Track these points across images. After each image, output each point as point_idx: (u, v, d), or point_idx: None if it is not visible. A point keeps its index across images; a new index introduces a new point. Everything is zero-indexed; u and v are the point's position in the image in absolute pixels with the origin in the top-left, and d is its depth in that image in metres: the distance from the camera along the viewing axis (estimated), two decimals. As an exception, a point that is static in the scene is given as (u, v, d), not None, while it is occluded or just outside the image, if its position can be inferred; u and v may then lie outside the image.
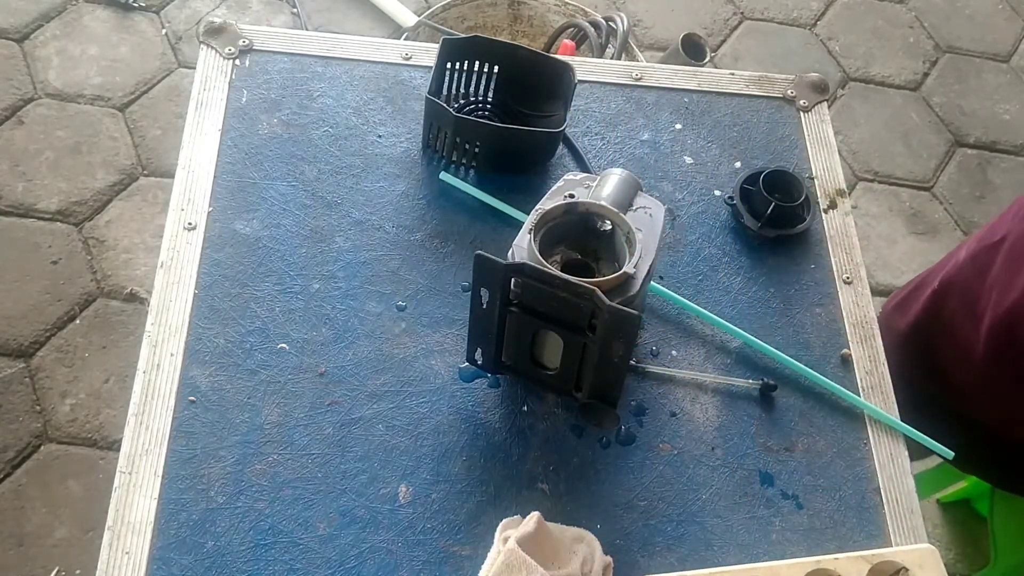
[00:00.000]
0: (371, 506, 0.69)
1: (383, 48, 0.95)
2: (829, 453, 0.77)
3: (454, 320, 0.78)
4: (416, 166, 0.87)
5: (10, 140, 1.80)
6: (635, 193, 0.73)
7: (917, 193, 2.02)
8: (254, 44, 0.91)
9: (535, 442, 0.74)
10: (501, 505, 0.71)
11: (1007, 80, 2.23)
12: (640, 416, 0.76)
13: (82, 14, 2.00)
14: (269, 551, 0.67)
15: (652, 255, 0.68)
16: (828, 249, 0.88)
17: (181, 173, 0.83)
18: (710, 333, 0.81)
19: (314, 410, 0.73)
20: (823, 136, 0.96)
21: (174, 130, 1.85)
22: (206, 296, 0.77)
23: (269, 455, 0.70)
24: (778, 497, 0.74)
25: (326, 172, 0.85)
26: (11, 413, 1.52)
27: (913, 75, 2.20)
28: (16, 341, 1.58)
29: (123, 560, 0.65)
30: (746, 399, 0.78)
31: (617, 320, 0.62)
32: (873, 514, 0.74)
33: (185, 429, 0.71)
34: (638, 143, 0.92)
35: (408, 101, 0.91)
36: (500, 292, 0.66)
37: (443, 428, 0.73)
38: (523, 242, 0.68)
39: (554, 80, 0.87)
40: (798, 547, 0.72)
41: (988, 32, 2.30)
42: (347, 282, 0.79)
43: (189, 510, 0.68)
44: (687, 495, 0.73)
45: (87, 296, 1.65)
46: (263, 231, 0.81)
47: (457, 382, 0.76)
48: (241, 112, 0.87)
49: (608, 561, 0.68)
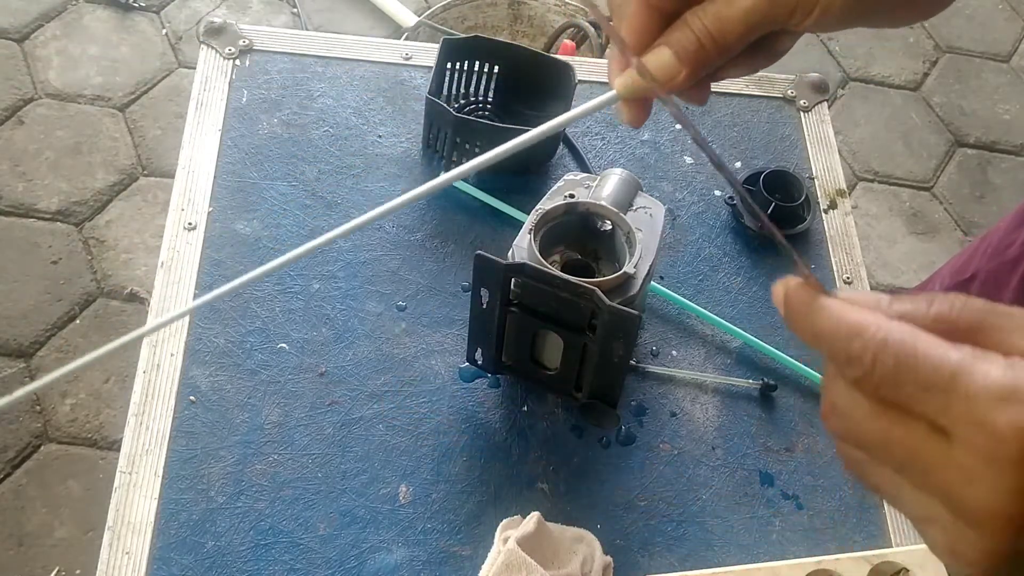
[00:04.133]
0: (371, 506, 0.69)
1: (383, 48, 0.95)
2: (829, 453, 0.77)
3: (454, 320, 0.78)
4: (416, 166, 0.87)
5: (10, 140, 1.80)
6: (635, 193, 0.73)
7: (917, 193, 2.02)
8: (254, 44, 0.92)
9: (535, 442, 0.74)
10: (501, 505, 0.71)
11: (1007, 80, 2.23)
12: (640, 416, 0.76)
13: (82, 14, 2.00)
14: (269, 551, 0.67)
15: (652, 255, 0.68)
16: (828, 249, 0.88)
17: (181, 173, 0.83)
18: (710, 333, 0.81)
19: (314, 410, 0.73)
20: (823, 136, 0.96)
21: (174, 130, 1.85)
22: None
23: (269, 455, 0.70)
24: (778, 497, 0.74)
25: (326, 172, 0.85)
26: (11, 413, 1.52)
27: (913, 75, 2.20)
28: (16, 341, 1.58)
29: (123, 560, 0.65)
30: (746, 399, 0.78)
31: (617, 320, 0.62)
32: (873, 514, 0.74)
33: (185, 429, 0.71)
34: (638, 143, 0.92)
35: (408, 101, 0.91)
36: (500, 292, 0.66)
37: (443, 428, 0.73)
38: (523, 242, 0.68)
39: (554, 80, 0.87)
40: (798, 547, 0.72)
41: (988, 32, 2.30)
42: (347, 282, 0.79)
43: (189, 510, 0.68)
44: (687, 495, 0.73)
45: (87, 296, 1.65)
46: (263, 231, 0.81)
47: (457, 382, 0.76)
48: (241, 112, 0.87)
49: (608, 561, 0.68)
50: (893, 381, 0.31)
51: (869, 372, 0.32)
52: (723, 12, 0.39)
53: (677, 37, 0.40)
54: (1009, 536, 0.31)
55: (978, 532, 0.31)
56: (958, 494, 0.31)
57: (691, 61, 0.41)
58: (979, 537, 0.31)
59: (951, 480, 0.31)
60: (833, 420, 0.35)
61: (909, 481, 0.33)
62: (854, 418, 0.33)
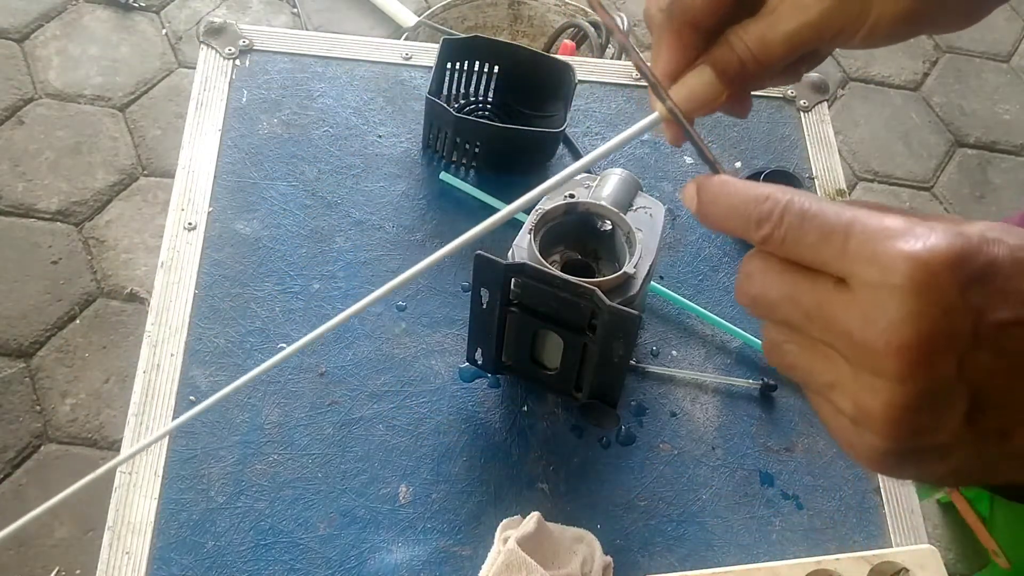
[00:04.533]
0: (371, 506, 0.69)
1: (383, 48, 0.95)
2: (829, 453, 0.77)
3: (454, 320, 0.78)
4: (416, 166, 0.87)
5: (10, 140, 1.80)
6: (635, 193, 0.73)
7: (917, 193, 2.02)
8: (254, 44, 0.92)
9: (535, 442, 0.74)
10: (501, 505, 0.71)
11: (1007, 80, 2.23)
12: (640, 416, 0.76)
13: (82, 14, 2.00)
14: (269, 551, 0.67)
15: (652, 255, 0.68)
16: (828, 249, 0.87)
17: (181, 173, 0.83)
18: (710, 333, 0.81)
19: (314, 410, 0.73)
20: (823, 136, 0.96)
21: (174, 130, 1.85)
22: (206, 296, 0.77)
23: (269, 455, 0.70)
24: (778, 497, 0.74)
25: (326, 172, 0.85)
26: (11, 413, 1.52)
27: (913, 75, 2.20)
28: (16, 341, 1.58)
29: (123, 560, 0.65)
30: (746, 399, 0.78)
31: (617, 320, 0.62)
32: (873, 514, 0.74)
33: (185, 429, 0.71)
34: (638, 143, 0.92)
35: (408, 101, 0.91)
36: (500, 292, 0.66)
37: (443, 428, 0.73)
38: (523, 242, 0.68)
39: (554, 80, 0.87)
40: (798, 547, 0.72)
41: (988, 32, 2.30)
42: (347, 282, 0.79)
43: (189, 510, 0.68)
44: (687, 495, 0.73)
45: (87, 296, 1.65)
46: (263, 231, 0.81)
47: (457, 382, 0.76)
48: (241, 112, 0.87)
49: (608, 561, 0.68)
50: (798, 233, 0.33)
51: (777, 226, 0.34)
52: (767, 35, 0.39)
53: (718, 56, 0.41)
54: (911, 373, 0.31)
55: (882, 380, 0.31)
56: (859, 336, 0.31)
57: (732, 81, 0.41)
58: (883, 386, 0.31)
59: (852, 324, 0.32)
60: (746, 285, 0.36)
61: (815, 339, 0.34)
62: (765, 281, 0.35)
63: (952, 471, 0.34)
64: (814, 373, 0.34)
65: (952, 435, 0.32)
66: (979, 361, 0.31)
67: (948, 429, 0.32)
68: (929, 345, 0.30)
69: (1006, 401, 0.32)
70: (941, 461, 0.33)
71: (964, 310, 0.30)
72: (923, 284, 0.30)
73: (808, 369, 0.35)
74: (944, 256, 0.30)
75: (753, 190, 0.35)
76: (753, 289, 0.35)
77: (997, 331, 0.31)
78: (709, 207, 0.37)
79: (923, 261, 0.30)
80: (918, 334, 0.30)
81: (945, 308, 0.30)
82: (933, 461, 0.33)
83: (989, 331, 0.31)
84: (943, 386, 0.31)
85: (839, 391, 0.33)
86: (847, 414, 0.33)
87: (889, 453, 0.33)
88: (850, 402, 0.33)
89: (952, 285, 0.30)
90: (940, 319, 0.30)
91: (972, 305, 0.30)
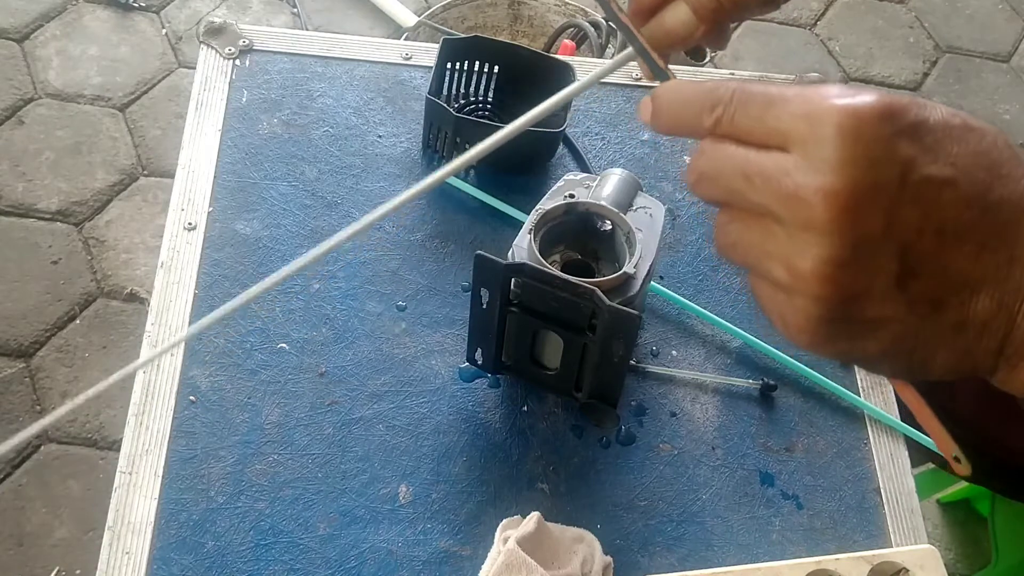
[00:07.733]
0: (371, 506, 0.69)
1: (383, 48, 0.95)
2: (829, 453, 0.77)
3: (454, 320, 0.78)
4: (416, 166, 0.87)
5: (10, 140, 1.80)
6: (635, 193, 0.73)
7: (917, 193, 2.02)
8: (254, 44, 0.92)
9: (535, 442, 0.74)
10: (501, 505, 0.71)
11: (1007, 80, 2.23)
12: (640, 416, 0.76)
13: (82, 14, 2.00)
14: (269, 551, 0.67)
15: (652, 255, 0.68)
16: (828, 249, 0.88)
17: (181, 173, 0.83)
18: (710, 333, 0.81)
19: (314, 410, 0.73)
20: (823, 136, 0.95)
21: (174, 130, 1.85)
22: (206, 296, 0.77)
23: (269, 455, 0.70)
24: (778, 497, 0.74)
25: (326, 172, 0.85)
26: (11, 413, 1.52)
27: (913, 75, 2.20)
28: (16, 341, 1.58)
29: (123, 560, 0.65)
30: (746, 399, 0.78)
31: (617, 320, 0.62)
32: (873, 514, 0.74)
33: (185, 429, 0.71)
34: (638, 143, 0.92)
35: (408, 101, 0.91)
36: (500, 292, 0.66)
37: (443, 428, 0.73)
38: (523, 242, 0.68)
39: (554, 80, 0.87)
40: (798, 547, 0.72)
41: (988, 32, 2.30)
42: (347, 282, 0.79)
43: (189, 510, 0.68)
44: (687, 495, 0.73)
45: (87, 296, 1.65)
46: (263, 231, 0.81)
47: (457, 382, 0.76)
48: (241, 112, 0.87)
49: (608, 561, 0.68)
50: (745, 108, 0.34)
51: (728, 105, 0.35)
52: None
53: None
54: (840, 223, 0.31)
55: (812, 235, 0.32)
56: (791, 190, 0.32)
57: (708, 18, 0.43)
58: (814, 240, 0.32)
59: (785, 180, 0.33)
60: (696, 160, 0.37)
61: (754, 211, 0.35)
62: (717, 158, 0.36)
63: (884, 351, 0.34)
64: (753, 246, 0.35)
65: (883, 303, 0.33)
66: (907, 217, 0.31)
67: (879, 294, 0.32)
68: (857, 192, 0.31)
69: (936, 268, 0.32)
70: (873, 336, 0.34)
71: (891, 161, 0.31)
72: (851, 131, 0.31)
73: (748, 243, 0.36)
74: (872, 107, 0.31)
75: (706, 84, 0.37)
76: (702, 163, 0.36)
77: (924, 186, 0.31)
78: (664, 107, 0.38)
79: (852, 110, 0.31)
80: (845, 181, 0.31)
81: (872, 158, 0.31)
82: (865, 336, 0.34)
83: (917, 186, 0.31)
84: (871, 239, 0.32)
85: (775, 260, 0.34)
86: (782, 284, 0.34)
87: (821, 320, 0.33)
88: (783, 268, 0.34)
89: (880, 135, 0.31)
90: (867, 168, 0.31)
91: (900, 157, 0.31)
